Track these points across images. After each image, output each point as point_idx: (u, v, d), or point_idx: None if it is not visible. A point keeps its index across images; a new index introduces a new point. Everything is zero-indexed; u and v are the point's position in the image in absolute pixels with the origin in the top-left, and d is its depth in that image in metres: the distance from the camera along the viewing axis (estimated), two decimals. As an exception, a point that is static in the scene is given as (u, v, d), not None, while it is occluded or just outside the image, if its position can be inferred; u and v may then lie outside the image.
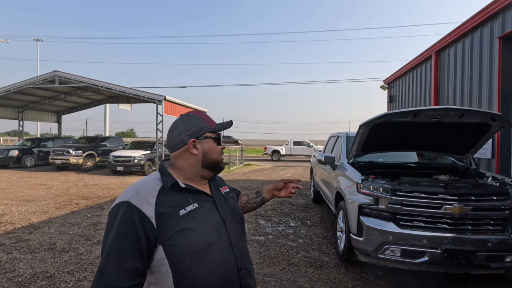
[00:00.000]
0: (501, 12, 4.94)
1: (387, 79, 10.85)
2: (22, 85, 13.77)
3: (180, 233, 0.96)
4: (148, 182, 1.04)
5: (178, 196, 1.03)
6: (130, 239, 0.92)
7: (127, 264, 0.90)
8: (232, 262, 1.06)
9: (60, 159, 13.05)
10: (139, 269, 0.92)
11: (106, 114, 28.21)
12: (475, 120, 3.30)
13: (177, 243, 0.95)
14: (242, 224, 1.20)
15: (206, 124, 1.11)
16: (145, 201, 0.97)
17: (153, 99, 12.96)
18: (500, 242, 2.84)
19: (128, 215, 0.94)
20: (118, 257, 0.91)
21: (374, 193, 3.21)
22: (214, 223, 1.06)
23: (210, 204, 1.10)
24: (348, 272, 3.56)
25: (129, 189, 1.01)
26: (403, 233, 2.96)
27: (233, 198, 1.25)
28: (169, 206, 0.98)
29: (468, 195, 2.99)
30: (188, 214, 1.00)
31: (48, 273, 3.41)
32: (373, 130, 3.47)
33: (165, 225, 0.96)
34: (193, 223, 0.99)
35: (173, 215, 0.97)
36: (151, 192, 0.99)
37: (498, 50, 4.96)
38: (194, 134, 1.09)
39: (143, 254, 0.93)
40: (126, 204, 0.95)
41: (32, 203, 6.88)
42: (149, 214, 0.95)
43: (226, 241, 1.07)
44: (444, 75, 6.89)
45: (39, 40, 33.31)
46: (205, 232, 1.01)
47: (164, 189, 1.01)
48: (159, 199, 0.98)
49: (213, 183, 1.19)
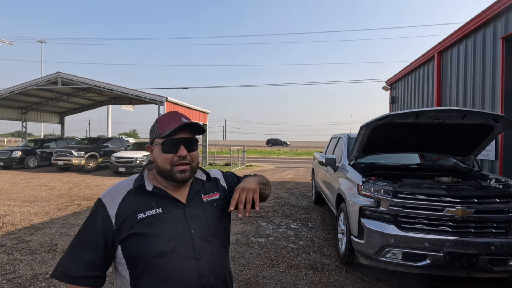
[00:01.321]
0: (504, 13, 4.89)
1: (389, 80, 10.80)
2: (25, 86, 13.87)
3: (133, 236, 0.97)
4: (123, 182, 1.08)
5: (143, 199, 1.02)
6: (91, 233, 0.99)
7: (84, 256, 0.96)
8: (194, 277, 0.98)
9: (62, 160, 13.12)
10: (96, 263, 0.97)
11: (109, 115, 28.35)
12: (477, 121, 3.27)
13: (131, 245, 0.97)
14: (221, 238, 1.10)
15: (156, 128, 1.04)
16: (111, 201, 1.01)
17: (155, 100, 13.00)
18: (504, 245, 2.80)
19: (95, 212, 1.01)
20: (77, 248, 0.99)
21: (375, 195, 3.18)
22: (175, 232, 0.99)
23: (179, 211, 1.03)
24: (349, 275, 3.53)
25: (110, 187, 1.08)
26: (405, 236, 2.93)
27: (217, 207, 1.11)
28: (129, 208, 1.00)
29: (470, 198, 2.95)
30: (146, 219, 0.98)
31: (48, 275, 3.41)
32: (375, 132, 3.44)
33: (121, 226, 0.98)
34: (149, 229, 0.97)
35: (130, 217, 0.98)
36: (120, 192, 1.03)
37: (501, 51, 4.91)
38: (150, 139, 1.08)
39: (100, 250, 0.97)
40: (98, 201, 1.03)
41: (34, 204, 6.90)
42: (111, 214, 0.99)
43: (189, 253, 0.99)
44: (446, 76, 6.84)
45: (43, 42, 33.59)
46: (160, 240, 0.96)
47: (131, 191, 1.03)
48: (124, 200, 1.01)
49: (195, 189, 1.10)
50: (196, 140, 1.07)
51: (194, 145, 1.05)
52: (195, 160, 1.05)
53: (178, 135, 1.01)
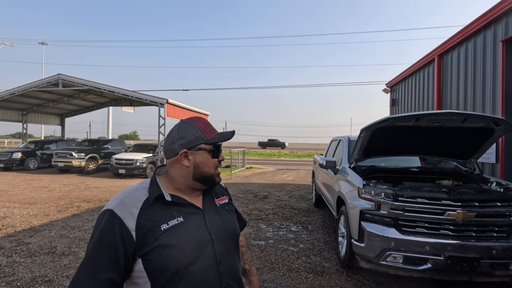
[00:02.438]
0: (504, 16, 4.90)
1: (389, 82, 10.80)
2: (26, 88, 13.91)
3: (159, 248, 0.92)
4: (136, 191, 1.01)
5: (163, 209, 0.98)
6: (108, 249, 0.90)
7: (102, 274, 0.88)
8: (216, 281, 1.00)
9: (63, 162, 13.12)
10: (115, 280, 0.90)
11: (109, 116, 28.38)
12: (478, 125, 3.26)
13: (155, 258, 0.92)
14: (234, 240, 1.12)
15: (201, 134, 1.03)
16: (128, 212, 0.94)
17: (156, 102, 13.02)
18: (505, 249, 2.79)
19: (110, 225, 0.92)
20: (93, 267, 0.89)
21: (376, 198, 3.16)
22: (198, 239, 0.99)
23: (198, 217, 1.03)
24: (350, 278, 3.51)
25: (117, 197, 0.99)
26: (405, 239, 2.91)
27: (229, 211, 1.15)
28: (151, 219, 0.95)
29: (471, 201, 2.94)
30: (170, 229, 0.95)
31: (47, 277, 3.40)
32: (375, 134, 3.43)
33: (144, 239, 0.92)
34: (174, 239, 0.94)
35: (153, 229, 0.93)
36: (136, 203, 0.96)
37: (501, 54, 4.91)
38: (187, 145, 1.02)
39: (119, 266, 0.91)
40: (110, 213, 0.94)
41: (34, 206, 6.90)
42: (130, 226, 0.92)
43: (211, 258, 1.00)
44: (447, 79, 6.84)
45: (44, 44, 33.70)
46: (186, 249, 0.95)
47: (149, 201, 0.98)
48: (142, 211, 0.95)
49: (209, 193, 1.12)
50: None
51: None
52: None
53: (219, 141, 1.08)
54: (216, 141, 1.04)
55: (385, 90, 11.52)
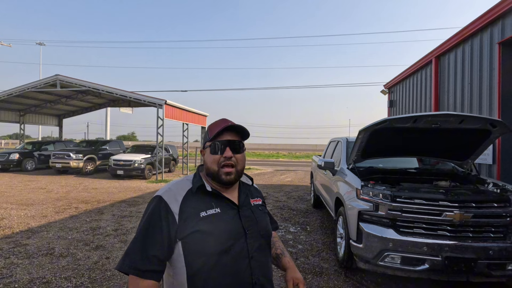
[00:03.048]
0: (500, 18, 4.94)
1: (387, 83, 10.85)
2: (24, 88, 13.84)
3: (197, 233, 1.01)
4: (181, 181, 1.14)
5: (203, 198, 1.09)
6: (155, 228, 1.03)
7: (149, 250, 1.01)
8: (247, 275, 1.05)
9: (60, 163, 13.06)
10: (159, 257, 1.01)
11: (107, 117, 28.28)
12: (475, 126, 3.29)
13: (193, 241, 1.01)
14: (266, 239, 1.17)
15: (207, 133, 1.15)
16: (173, 198, 1.07)
17: (154, 103, 13.00)
18: (502, 249, 2.81)
19: (157, 208, 1.05)
20: (143, 243, 1.02)
21: (374, 199, 3.18)
22: (232, 231, 1.06)
23: (234, 212, 1.10)
24: (348, 279, 3.52)
25: (165, 186, 1.13)
26: (403, 240, 2.93)
27: (263, 212, 1.21)
28: (192, 206, 1.06)
29: (468, 202, 2.96)
30: (208, 217, 1.04)
31: (45, 279, 3.39)
32: (373, 136, 3.45)
33: (185, 223, 1.03)
34: (211, 226, 1.03)
35: (193, 215, 1.04)
36: (181, 191, 1.09)
37: (498, 56, 4.95)
38: (202, 145, 1.18)
39: (163, 244, 1.02)
40: (158, 198, 1.07)
41: (31, 207, 6.86)
42: (174, 210, 1.04)
43: (244, 252, 1.06)
44: (444, 80, 6.89)
45: (42, 44, 33.57)
46: (221, 237, 1.03)
47: (192, 191, 1.09)
48: (185, 198, 1.07)
49: (244, 192, 1.19)
50: (242, 143, 1.15)
51: (240, 148, 1.13)
52: (240, 163, 1.12)
53: (225, 137, 1.10)
54: (213, 137, 1.10)
55: (383, 92, 11.57)
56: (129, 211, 6.70)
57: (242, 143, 1.14)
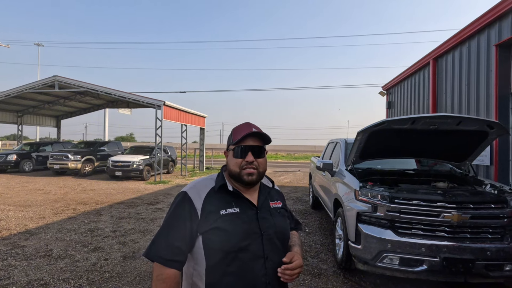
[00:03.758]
0: (497, 20, 4.99)
1: (386, 85, 10.90)
2: (22, 89, 13.80)
3: (216, 230, 1.07)
4: (205, 180, 1.21)
5: (224, 197, 1.14)
6: (179, 221, 1.10)
7: (172, 241, 1.08)
8: (261, 274, 1.09)
9: (58, 164, 13.02)
10: (182, 249, 1.09)
11: (106, 118, 28.23)
12: (472, 128, 3.31)
13: (212, 237, 1.07)
14: (283, 242, 1.19)
15: (231, 136, 1.20)
16: (197, 194, 1.13)
17: (153, 104, 12.99)
18: (499, 250, 2.82)
19: (182, 202, 1.13)
20: (167, 234, 1.09)
21: (372, 200, 3.19)
22: (249, 231, 1.10)
23: (252, 213, 1.15)
24: (347, 280, 3.53)
25: (191, 183, 1.20)
26: (402, 241, 2.94)
27: (281, 215, 1.23)
28: (213, 204, 1.12)
29: (466, 203, 2.98)
30: (227, 216, 1.10)
31: (43, 281, 3.37)
32: (371, 137, 3.47)
33: (206, 219, 1.09)
34: (229, 225, 1.08)
35: (214, 212, 1.10)
36: (204, 188, 1.16)
37: (495, 58, 4.99)
38: (227, 146, 1.23)
39: (186, 237, 1.09)
40: (184, 194, 1.15)
41: (29, 209, 6.83)
42: (197, 206, 1.11)
43: (259, 251, 1.10)
44: (442, 82, 6.93)
45: (40, 45, 33.49)
46: (238, 236, 1.07)
47: (214, 189, 1.15)
48: (208, 196, 1.13)
49: (263, 194, 1.22)
50: (264, 148, 1.20)
51: (262, 152, 1.18)
52: (261, 166, 1.18)
53: (247, 143, 1.15)
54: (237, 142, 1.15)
55: (381, 93, 11.62)
56: (127, 212, 6.68)
57: (263, 147, 1.19)
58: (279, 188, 1.37)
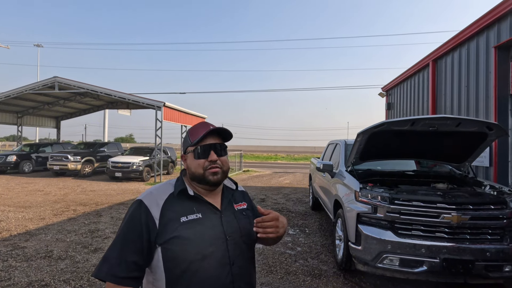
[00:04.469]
0: (496, 22, 5.01)
1: (385, 86, 10.93)
2: (21, 90, 13.81)
3: (176, 239, 0.99)
4: (163, 185, 1.12)
5: (185, 203, 1.07)
6: (134, 233, 1.00)
7: (128, 256, 0.98)
8: (228, 281, 1.03)
9: (58, 165, 13.01)
10: (139, 263, 0.99)
11: (105, 119, 28.22)
12: (472, 129, 3.33)
13: (173, 248, 0.99)
14: (250, 245, 1.14)
15: (188, 138, 1.12)
16: (154, 202, 1.04)
17: (153, 105, 13.00)
18: (499, 251, 2.84)
19: (137, 212, 1.03)
20: (122, 248, 0.99)
21: (372, 201, 3.21)
22: (213, 237, 1.04)
23: (216, 217, 1.08)
24: (347, 281, 3.53)
25: (147, 189, 1.11)
26: (402, 242, 2.95)
27: (247, 216, 1.18)
28: (173, 211, 1.03)
29: (466, 204, 2.99)
30: (188, 223, 1.02)
31: (44, 282, 3.38)
32: (371, 138, 3.49)
33: (165, 228, 1.00)
34: (191, 232, 1.00)
35: (174, 220, 1.01)
36: (162, 195, 1.07)
37: (494, 60, 5.02)
38: (183, 150, 1.15)
39: (143, 250, 0.99)
40: (139, 202, 1.05)
41: (29, 210, 6.83)
42: (155, 215, 1.02)
43: (225, 258, 1.04)
44: (441, 84, 6.95)
45: (40, 46, 33.52)
46: (201, 244, 1.01)
47: (173, 195, 1.07)
48: (166, 203, 1.05)
49: (227, 196, 1.16)
50: (225, 145, 1.14)
51: (223, 150, 1.12)
52: (225, 164, 1.11)
53: (207, 142, 1.08)
54: (196, 142, 1.08)
55: (380, 94, 11.65)
56: (127, 213, 6.68)
57: (225, 145, 1.13)
58: (244, 189, 1.31)
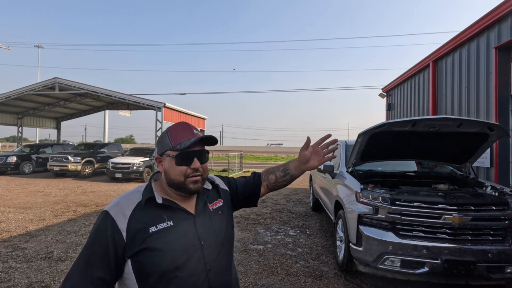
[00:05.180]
0: (497, 23, 5.01)
1: (385, 87, 10.92)
2: (22, 91, 13.83)
3: (146, 251, 0.93)
4: (131, 194, 1.04)
5: (153, 211, 1.00)
6: (101, 247, 0.94)
7: (94, 272, 0.92)
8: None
9: (58, 166, 13.00)
10: (106, 279, 0.93)
11: (106, 120, 28.23)
12: (473, 130, 3.32)
13: (143, 260, 0.94)
14: (227, 246, 1.10)
15: (168, 141, 1.02)
16: (121, 213, 0.97)
17: (153, 106, 13.01)
18: (500, 252, 2.83)
19: (103, 225, 0.96)
20: (87, 264, 0.93)
21: (373, 202, 3.20)
22: (186, 245, 0.98)
23: (189, 223, 1.02)
24: (348, 282, 3.52)
25: (115, 199, 1.04)
26: (403, 243, 2.94)
27: (222, 215, 1.13)
28: (141, 221, 0.97)
29: (467, 205, 2.98)
30: (158, 232, 0.96)
31: (44, 283, 3.37)
32: (372, 139, 3.48)
33: (133, 240, 0.94)
34: (162, 242, 0.95)
35: (142, 231, 0.95)
36: (129, 204, 1.00)
37: (494, 60, 5.01)
38: (160, 151, 1.05)
39: (110, 265, 0.93)
40: (105, 214, 0.98)
41: (29, 211, 6.83)
42: (121, 227, 0.95)
43: (200, 265, 0.99)
44: (441, 84, 6.95)
45: (40, 47, 33.55)
46: (173, 254, 0.95)
47: (141, 203, 1.00)
48: (134, 213, 0.98)
49: (202, 198, 1.10)
50: (207, 151, 1.08)
51: (205, 157, 1.06)
52: (206, 172, 1.06)
53: (191, 148, 1.01)
54: (180, 148, 1.00)
55: (381, 95, 11.64)
56: (128, 214, 6.67)
57: (207, 151, 1.07)
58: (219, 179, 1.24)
